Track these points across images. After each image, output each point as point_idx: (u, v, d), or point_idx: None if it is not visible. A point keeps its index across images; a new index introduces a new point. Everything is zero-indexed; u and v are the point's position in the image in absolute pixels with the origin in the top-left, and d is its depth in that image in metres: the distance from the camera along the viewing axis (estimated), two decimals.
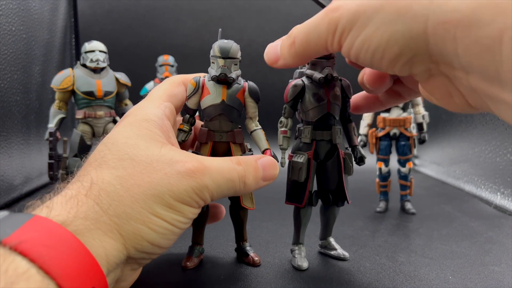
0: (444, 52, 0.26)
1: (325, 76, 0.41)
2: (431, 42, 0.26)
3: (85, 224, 0.27)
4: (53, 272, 0.23)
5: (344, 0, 0.30)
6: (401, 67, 0.29)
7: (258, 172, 0.37)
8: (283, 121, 0.44)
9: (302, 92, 0.42)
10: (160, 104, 0.37)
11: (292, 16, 1.21)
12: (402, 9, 0.27)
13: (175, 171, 0.32)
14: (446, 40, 0.25)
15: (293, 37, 0.34)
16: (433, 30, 0.26)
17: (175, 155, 0.33)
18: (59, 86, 0.67)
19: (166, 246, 0.33)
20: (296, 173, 0.43)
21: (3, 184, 0.72)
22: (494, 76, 0.24)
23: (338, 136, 0.43)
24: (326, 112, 0.42)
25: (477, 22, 0.23)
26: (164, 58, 0.97)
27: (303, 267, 0.43)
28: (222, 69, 0.40)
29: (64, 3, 1.08)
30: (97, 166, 0.31)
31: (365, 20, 0.28)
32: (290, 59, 0.35)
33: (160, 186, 0.31)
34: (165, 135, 0.35)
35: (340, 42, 0.31)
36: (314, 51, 0.33)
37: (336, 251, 0.47)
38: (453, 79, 0.28)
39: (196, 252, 0.45)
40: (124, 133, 0.34)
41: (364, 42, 0.29)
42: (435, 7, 0.26)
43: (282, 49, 0.35)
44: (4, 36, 0.74)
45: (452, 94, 0.29)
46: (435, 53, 0.27)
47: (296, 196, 0.44)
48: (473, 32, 0.24)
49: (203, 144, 0.42)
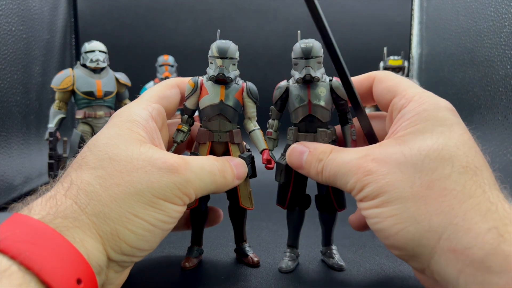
0: (445, 273, 0.27)
1: (303, 76, 0.40)
2: (435, 258, 0.27)
3: (65, 223, 0.27)
4: (35, 267, 0.23)
5: (381, 165, 0.30)
6: (399, 254, 0.30)
7: (232, 169, 0.38)
8: (269, 122, 0.44)
9: (287, 93, 0.42)
10: (147, 106, 0.37)
11: (292, 16, 1.21)
12: (421, 215, 0.28)
13: (156, 168, 0.31)
14: (450, 266, 0.26)
15: (322, 167, 0.35)
16: (441, 251, 0.26)
17: (155, 153, 0.32)
18: (59, 86, 0.67)
19: (147, 248, 0.32)
20: (279, 174, 0.43)
21: (3, 184, 0.72)
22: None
23: (323, 139, 0.41)
24: (308, 113, 0.41)
25: (487, 268, 0.24)
26: (164, 58, 0.97)
27: (283, 269, 0.43)
28: (220, 69, 0.40)
29: (64, 3, 1.08)
30: (77, 168, 0.31)
31: (387, 200, 0.29)
32: (313, 177, 0.37)
33: (140, 184, 0.30)
34: (149, 135, 0.35)
35: (361, 200, 0.32)
36: (338, 186, 0.35)
37: (332, 259, 0.45)
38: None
39: (195, 253, 0.45)
40: (106, 134, 0.34)
41: (378, 216, 0.30)
42: (451, 232, 0.26)
43: (307, 165, 0.37)
44: (4, 36, 0.74)
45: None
46: (435, 268, 0.27)
47: (282, 198, 0.44)
48: (480, 274, 0.24)
49: (202, 144, 0.42)
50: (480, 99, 0.79)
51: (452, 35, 0.94)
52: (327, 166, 0.34)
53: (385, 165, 0.30)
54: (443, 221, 0.27)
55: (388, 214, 0.29)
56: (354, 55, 1.17)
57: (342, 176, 0.33)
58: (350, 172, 0.32)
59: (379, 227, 0.30)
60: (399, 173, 0.29)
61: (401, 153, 0.30)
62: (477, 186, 0.28)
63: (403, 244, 0.29)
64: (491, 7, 0.76)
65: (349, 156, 0.33)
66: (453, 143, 0.30)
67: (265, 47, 1.21)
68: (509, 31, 0.70)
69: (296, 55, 0.41)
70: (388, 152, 0.31)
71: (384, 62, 0.91)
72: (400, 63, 0.89)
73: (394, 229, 0.29)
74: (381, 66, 0.92)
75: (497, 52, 0.73)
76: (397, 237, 0.29)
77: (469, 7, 0.86)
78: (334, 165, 0.34)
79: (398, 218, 0.28)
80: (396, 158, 0.30)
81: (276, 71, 1.16)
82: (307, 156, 0.37)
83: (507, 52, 0.70)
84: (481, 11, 0.80)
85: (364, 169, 0.31)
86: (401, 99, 0.34)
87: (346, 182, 0.32)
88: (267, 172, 0.44)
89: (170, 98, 0.40)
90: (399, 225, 0.28)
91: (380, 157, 0.31)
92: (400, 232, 0.28)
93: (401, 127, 0.32)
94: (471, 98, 0.83)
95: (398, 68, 0.90)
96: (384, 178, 0.30)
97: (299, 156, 0.37)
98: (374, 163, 0.31)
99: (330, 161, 0.34)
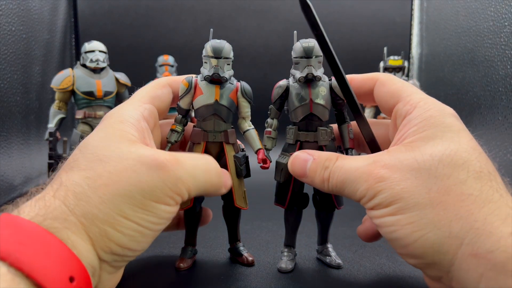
0: (466, 279, 0.26)
1: (305, 75, 0.40)
2: (456, 265, 0.27)
3: (54, 224, 0.27)
4: (25, 268, 0.23)
5: (393, 171, 0.30)
6: (416, 263, 0.29)
7: (225, 174, 0.38)
8: (268, 121, 0.44)
9: (287, 92, 0.42)
10: (138, 106, 0.37)
11: (292, 16, 1.21)
12: (441, 221, 0.27)
13: (145, 166, 0.30)
14: (471, 271, 0.25)
15: (329, 175, 0.33)
16: (462, 256, 0.26)
17: (145, 151, 0.32)
18: (59, 86, 0.68)
19: (139, 249, 0.31)
20: (279, 173, 0.43)
21: (3, 184, 0.72)
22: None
23: (324, 138, 0.41)
24: (309, 112, 0.41)
25: (509, 271, 0.23)
26: (164, 58, 0.97)
27: (283, 269, 0.43)
28: (215, 68, 0.40)
29: (64, 3, 1.08)
30: (68, 169, 0.31)
31: (403, 206, 0.28)
32: (318, 185, 0.35)
33: (129, 185, 0.30)
34: (141, 135, 0.34)
35: (373, 208, 0.31)
36: (345, 194, 0.33)
37: (330, 257, 0.45)
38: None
39: (189, 253, 0.45)
40: (97, 135, 0.33)
41: (394, 224, 0.29)
42: (472, 236, 0.26)
43: (311, 173, 0.35)
44: (4, 36, 0.74)
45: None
46: (455, 275, 0.27)
47: (281, 197, 0.44)
48: (502, 278, 0.24)
49: (196, 144, 0.42)
50: (480, 99, 0.79)
51: (452, 35, 0.94)
52: (334, 173, 0.33)
53: (397, 171, 0.29)
54: (464, 226, 0.26)
55: (406, 221, 0.28)
56: (354, 55, 1.17)
57: (351, 183, 0.32)
58: (360, 179, 0.31)
59: (395, 236, 0.29)
60: (413, 179, 0.29)
61: (414, 159, 0.30)
62: (494, 191, 0.28)
63: (422, 252, 0.28)
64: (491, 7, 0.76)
65: (358, 162, 0.32)
66: (464, 149, 0.30)
67: (265, 47, 1.21)
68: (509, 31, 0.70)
69: (297, 54, 0.41)
70: (400, 158, 0.30)
71: (384, 62, 0.91)
72: (400, 63, 0.89)
73: (413, 237, 0.28)
74: (381, 66, 0.92)
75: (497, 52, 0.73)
76: (416, 245, 0.28)
77: (469, 7, 0.86)
78: (342, 172, 0.32)
79: (416, 225, 0.28)
80: (409, 164, 0.29)
81: (276, 71, 1.16)
82: (312, 163, 0.35)
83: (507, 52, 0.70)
84: (481, 11, 0.80)
85: (375, 176, 0.30)
86: (405, 105, 0.34)
87: (356, 189, 0.31)
88: (264, 171, 0.44)
89: (161, 98, 0.40)
90: (418, 232, 0.28)
91: (391, 163, 0.30)
92: (419, 240, 0.28)
93: (408, 133, 0.32)
94: (471, 98, 0.83)
95: (398, 68, 0.90)
96: (399, 185, 0.29)
97: (302, 164, 0.36)
98: (385, 169, 0.30)
99: (338, 168, 0.33)
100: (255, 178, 0.44)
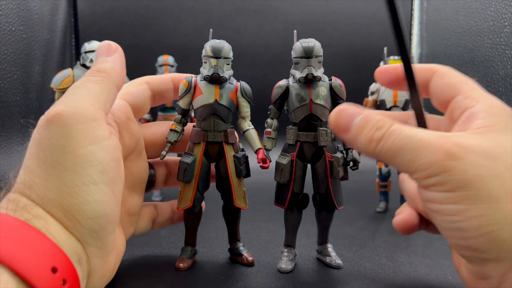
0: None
1: (305, 76, 0.40)
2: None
3: (25, 214, 0.27)
4: (5, 260, 0.23)
5: (467, 152, 0.26)
6: (470, 256, 0.27)
7: None
8: (268, 121, 0.44)
9: (287, 92, 0.42)
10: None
11: (292, 16, 1.21)
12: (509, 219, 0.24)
13: (47, 128, 0.32)
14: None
15: (381, 136, 0.29)
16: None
17: None
18: (59, 86, 0.67)
19: (109, 211, 0.30)
20: (279, 174, 0.43)
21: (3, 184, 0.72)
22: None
23: (324, 138, 0.41)
24: (309, 113, 0.41)
25: None
26: (164, 58, 0.97)
27: (283, 269, 0.43)
28: (214, 68, 0.40)
29: (64, 3, 1.08)
30: (23, 166, 0.31)
31: (473, 196, 0.25)
32: (361, 145, 0.30)
33: (51, 153, 0.30)
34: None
35: (430, 188, 0.27)
36: (394, 163, 0.29)
37: (330, 257, 0.45)
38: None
39: (189, 254, 0.45)
40: None
41: (458, 213, 0.26)
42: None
43: (357, 129, 0.30)
44: (4, 36, 0.74)
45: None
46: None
47: (281, 197, 0.44)
48: None
49: (196, 144, 0.42)
50: None
51: (452, 35, 0.94)
52: (389, 136, 0.28)
53: (472, 154, 0.26)
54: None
55: (474, 213, 0.25)
56: (354, 55, 1.17)
57: (410, 151, 0.27)
58: (426, 150, 0.26)
59: (457, 226, 0.26)
60: (489, 168, 0.25)
61: (490, 147, 0.26)
62: None
63: (487, 247, 0.25)
64: (491, 7, 0.76)
65: (422, 132, 0.28)
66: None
67: (265, 47, 1.21)
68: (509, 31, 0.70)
69: (297, 54, 0.41)
70: (474, 141, 0.27)
71: (384, 62, 0.91)
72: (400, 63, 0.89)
73: (481, 231, 0.25)
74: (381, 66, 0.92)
75: (497, 52, 0.73)
76: (483, 239, 0.25)
77: (469, 7, 0.86)
78: (401, 136, 0.28)
79: (487, 219, 0.25)
80: (485, 150, 0.26)
81: (276, 71, 1.16)
82: (361, 120, 0.30)
83: (507, 52, 0.70)
84: (481, 11, 0.80)
85: (448, 151, 0.26)
86: (465, 99, 0.32)
87: (415, 159, 0.27)
88: (264, 171, 0.44)
89: (134, 94, 0.41)
90: (488, 227, 0.25)
91: (467, 143, 0.26)
92: (488, 235, 0.25)
93: (474, 124, 0.29)
94: None
95: None
96: (473, 169, 0.25)
97: (349, 117, 0.31)
98: (459, 147, 0.26)
99: (395, 132, 0.28)
100: (255, 178, 0.44)
